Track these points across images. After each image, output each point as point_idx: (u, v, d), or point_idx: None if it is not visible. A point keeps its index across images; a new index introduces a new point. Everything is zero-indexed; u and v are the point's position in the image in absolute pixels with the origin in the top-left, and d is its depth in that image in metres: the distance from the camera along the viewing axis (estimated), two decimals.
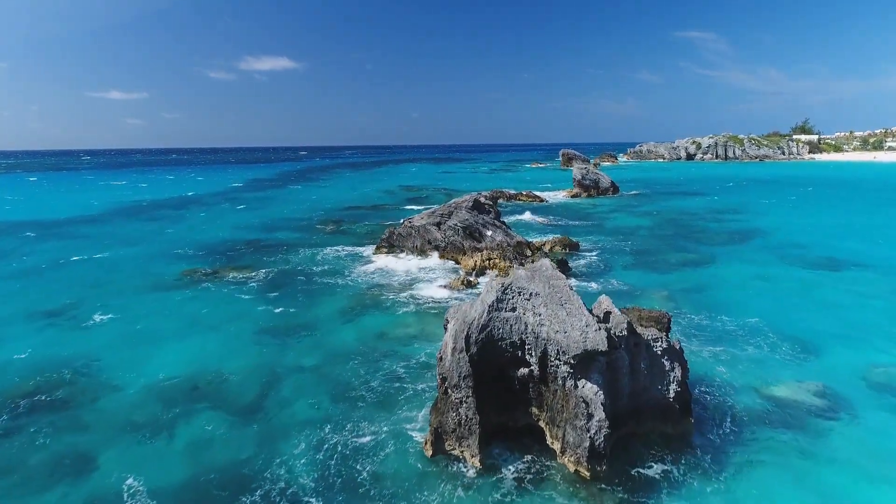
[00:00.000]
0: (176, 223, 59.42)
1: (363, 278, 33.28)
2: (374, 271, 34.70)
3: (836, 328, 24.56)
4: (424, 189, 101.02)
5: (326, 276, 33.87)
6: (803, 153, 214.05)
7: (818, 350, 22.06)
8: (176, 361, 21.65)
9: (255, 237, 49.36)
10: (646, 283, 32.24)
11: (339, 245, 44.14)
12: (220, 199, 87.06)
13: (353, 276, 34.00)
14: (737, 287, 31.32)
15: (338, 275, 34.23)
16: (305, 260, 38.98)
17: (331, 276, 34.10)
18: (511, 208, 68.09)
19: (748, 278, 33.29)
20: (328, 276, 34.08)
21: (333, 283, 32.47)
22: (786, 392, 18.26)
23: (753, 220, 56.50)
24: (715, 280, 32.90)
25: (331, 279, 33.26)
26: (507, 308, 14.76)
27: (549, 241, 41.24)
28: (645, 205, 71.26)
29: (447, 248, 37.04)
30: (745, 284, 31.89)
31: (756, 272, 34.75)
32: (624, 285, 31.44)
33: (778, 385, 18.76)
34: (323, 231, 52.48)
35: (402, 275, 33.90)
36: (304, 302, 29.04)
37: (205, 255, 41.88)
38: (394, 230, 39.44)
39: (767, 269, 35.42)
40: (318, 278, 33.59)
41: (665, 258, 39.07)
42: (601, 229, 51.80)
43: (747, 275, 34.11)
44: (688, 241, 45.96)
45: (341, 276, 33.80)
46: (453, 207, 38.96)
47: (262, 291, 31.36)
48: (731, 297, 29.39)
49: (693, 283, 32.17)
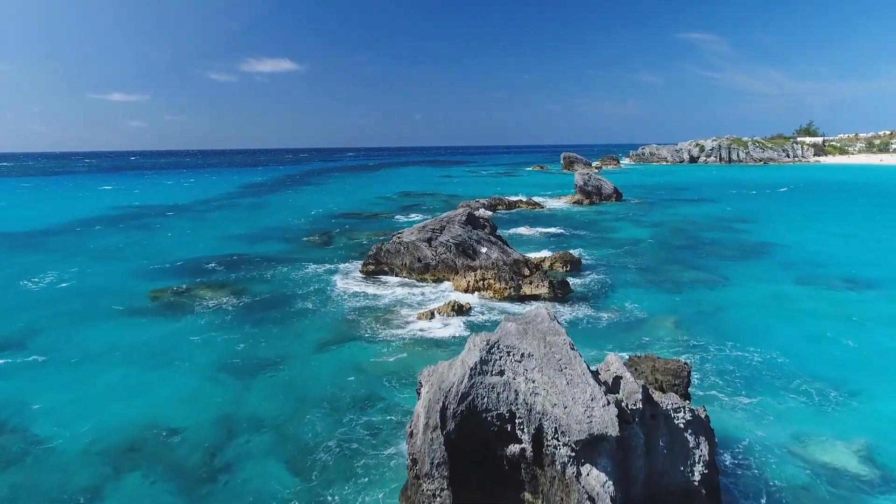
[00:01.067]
0: (159, 233, 56.74)
1: (345, 301, 30.48)
2: (357, 293, 31.91)
3: (869, 363, 21.72)
4: (422, 195, 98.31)
5: (305, 299, 31.09)
6: (808, 156, 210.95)
7: (857, 393, 19.22)
8: (119, 411, 18.88)
9: (239, 250, 46.63)
10: (654, 306, 29.42)
11: (325, 261, 41.38)
12: (211, 205, 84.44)
13: (333, 298, 31.22)
14: (754, 312, 28.46)
15: (317, 297, 31.45)
16: (285, 278, 36.22)
17: (310, 298, 31.32)
18: (510, 217, 65.33)
19: (766, 301, 30.43)
20: (307, 298, 31.30)
21: (311, 307, 29.67)
22: (829, 456, 15.41)
23: (765, 231, 53.63)
24: (729, 303, 30.05)
25: (309, 303, 30.47)
26: (493, 371, 11.97)
27: (549, 258, 38.42)
28: (650, 213, 68.41)
29: (438, 266, 34.25)
30: (763, 309, 29.03)
31: (774, 293, 31.89)
32: (629, 309, 28.62)
33: (818, 446, 15.91)
34: (310, 244, 49.74)
35: (388, 297, 31.11)
36: (276, 332, 26.25)
37: (180, 270, 39.17)
38: (381, 246, 36.67)
39: (786, 290, 32.57)
40: (295, 301, 30.81)
41: (673, 276, 36.24)
42: (604, 241, 48.98)
43: (764, 297, 31.26)
44: (696, 255, 43.12)
45: (321, 299, 31.01)
46: (445, 222, 36.19)
47: (233, 317, 28.60)
48: (749, 324, 26.55)
49: (706, 307, 29.33)
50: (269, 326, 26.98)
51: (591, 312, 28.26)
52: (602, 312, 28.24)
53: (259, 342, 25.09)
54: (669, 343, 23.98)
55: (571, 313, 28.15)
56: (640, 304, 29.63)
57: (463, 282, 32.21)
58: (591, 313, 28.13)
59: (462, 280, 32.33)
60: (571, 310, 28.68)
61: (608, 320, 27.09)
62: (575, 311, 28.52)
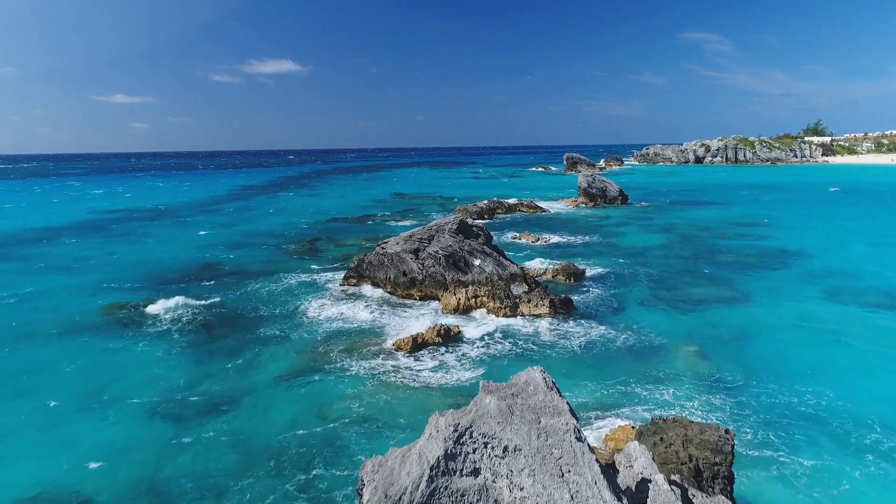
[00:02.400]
0: (135, 241, 53.21)
1: (316, 324, 26.81)
2: (333, 315, 28.20)
3: None
4: (419, 197, 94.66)
5: (272, 322, 27.44)
6: (816, 156, 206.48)
7: None
8: (29, 470, 15.31)
9: (215, 259, 43.07)
10: (669, 328, 25.69)
11: (304, 272, 37.74)
12: (198, 209, 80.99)
13: (304, 320, 27.56)
14: (788, 338, 24.70)
15: (286, 319, 27.79)
16: (256, 294, 32.59)
17: (277, 320, 27.67)
18: (509, 221, 61.64)
19: (797, 323, 26.68)
20: (274, 320, 27.65)
21: (277, 332, 26.02)
22: None
23: (782, 238, 49.79)
24: (756, 325, 26.29)
25: (276, 326, 26.81)
26: (463, 471, 8.29)
27: (550, 270, 34.73)
28: (657, 217, 64.60)
29: (426, 281, 30.57)
30: (797, 334, 25.27)
31: (805, 313, 28.12)
32: (642, 333, 24.89)
33: None
34: (292, 251, 46.12)
35: (366, 319, 27.42)
36: (232, 363, 22.61)
37: (144, 283, 35.59)
38: (364, 258, 33.02)
39: (817, 309, 28.79)
40: (261, 324, 27.16)
41: (688, 290, 32.50)
42: (611, 249, 45.22)
43: (794, 317, 27.51)
44: (711, 265, 39.35)
45: (290, 321, 27.35)
46: (434, 231, 32.51)
47: (188, 341, 24.99)
48: (785, 354, 22.80)
49: (729, 330, 25.59)
50: (226, 355, 23.33)
51: (598, 337, 24.54)
52: (610, 337, 24.53)
53: (211, 375, 21.47)
54: (693, 380, 20.25)
55: (575, 338, 24.44)
56: (653, 327, 25.90)
57: (453, 299, 28.53)
58: (597, 338, 24.41)
59: (452, 297, 28.64)
60: (575, 333, 24.97)
61: (617, 348, 23.37)
62: (579, 334, 24.81)
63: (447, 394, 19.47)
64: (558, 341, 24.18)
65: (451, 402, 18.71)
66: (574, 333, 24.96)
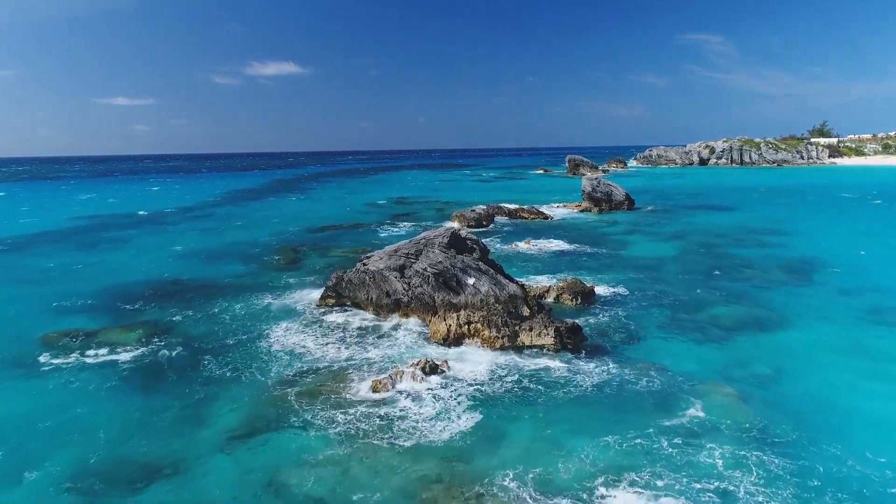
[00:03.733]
0: (107, 251, 49.57)
1: (285, 357, 22.99)
2: (304, 345, 24.37)
3: None
4: (416, 202, 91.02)
5: (231, 353, 23.65)
6: (823, 157, 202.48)
7: None
8: None
9: (186, 273, 39.37)
10: (696, 364, 21.90)
11: (281, 289, 34.01)
12: (185, 215, 77.39)
13: (273, 350, 23.77)
14: (834, 375, 20.85)
15: (251, 350, 24.00)
16: (224, 316, 28.85)
17: (241, 351, 23.88)
18: (509, 229, 57.88)
19: (848, 352, 22.88)
20: (235, 351, 23.85)
21: (238, 367, 22.21)
22: None
23: (804, 246, 45.96)
24: (798, 358, 22.48)
25: (238, 359, 23.02)
26: None
27: (554, 288, 30.93)
28: (667, 223, 60.78)
29: (412, 303, 26.80)
30: (844, 369, 21.42)
31: (850, 340, 24.32)
32: (665, 371, 21.08)
33: None
34: (273, 264, 42.39)
35: (341, 349, 23.62)
36: (174, 412, 18.81)
37: (104, 302, 31.92)
38: (342, 275, 29.27)
39: (863, 336, 24.93)
40: (218, 356, 23.37)
41: (711, 312, 28.70)
42: (620, 261, 41.43)
43: (844, 345, 23.71)
44: (732, 279, 35.56)
45: (255, 354, 23.55)
46: (423, 245, 28.74)
47: (133, 381, 21.24)
48: (833, 397, 19.02)
49: (766, 365, 21.78)
50: (170, 402, 19.55)
51: (612, 375, 20.73)
52: (627, 375, 20.72)
53: (147, 430, 17.71)
54: (734, 434, 16.44)
55: (584, 376, 20.65)
56: (677, 361, 22.10)
57: (442, 326, 24.74)
58: (611, 376, 20.60)
59: (441, 324, 24.85)
60: (584, 370, 21.17)
61: (636, 390, 19.56)
62: (589, 372, 21.01)
63: (434, 456, 15.70)
64: (565, 380, 20.38)
65: (438, 471, 14.97)
66: (584, 370, 21.15)
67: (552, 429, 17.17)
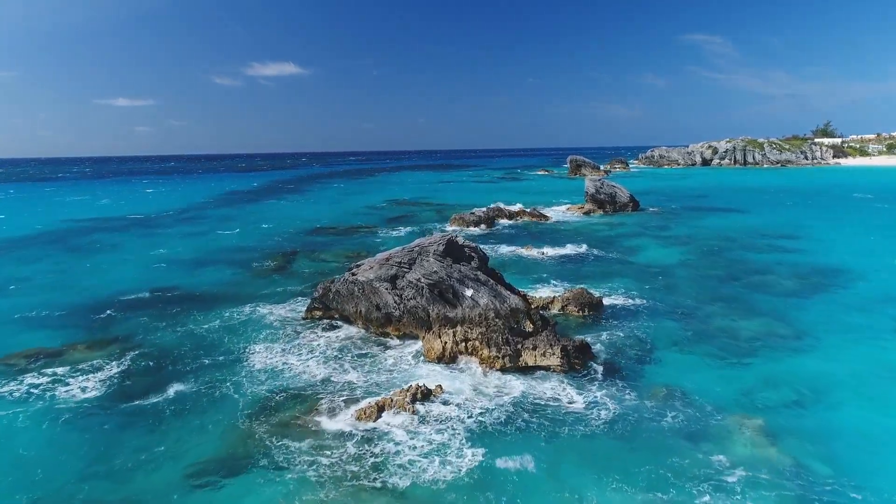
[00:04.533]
0: (88, 258, 47.35)
1: (262, 382, 20.72)
2: (285, 366, 22.13)
3: None
4: (415, 204, 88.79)
5: (209, 375, 21.41)
6: (827, 158, 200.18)
7: None
8: None
9: (170, 281, 37.15)
10: (718, 390, 19.65)
11: (267, 300, 31.77)
12: (176, 218, 75.16)
13: (250, 374, 21.51)
14: (871, 400, 18.63)
15: (228, 372, 21.73)
16: (201, 331, 26.61)
17: (217, 373, 21.64)
18: (510, 232, 55.65)
19: (880, 375, 20.61)
20: (212, 373, 21.62)
21: (210, 394, 19.96)
22: None
23: (820, 251, 43.71)
24: (826, 381, 20.23)
25: (213, 382, 20.78)
26: None
27: (559, 299, 28.70)
28: (674, 226, 58.50)
29: (404, 318, 24.57)
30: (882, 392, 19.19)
31: (885, 360, 22.05)
32: (685, 400, 18.84)
33: None
34: (261, 271, 40.15)
35: (324, 371, 21.37)
36: (141, 448, 16.54)
37: (76, 315, 29.72)
38: (330, 286, 27.05)
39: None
40: (193, 379, 21.12)
41: (729, 326, 26.47)
42: (627, 267, 39.19)
43: (873, 366, 21.45)
44: (747, 288, 33.32)
45: (232, 377, 21.28)
46: (417, 253, 26.50)
47: (96, 411, 18.99)
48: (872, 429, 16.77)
49: (795, 391, 19.56)
50: (130, 437, 17.31)
51: (627, 404, 18.50)
52: (643, 404, 18.49)
53: (105, 468, 15.51)
54: (770, 478, 14.26)
55: (595, 406, 18.42)
56: (697, 387, 19.86)
57: (437, 343, 22.52)
58: (626, 406, 18.36)
59: (436, 341, 22.63)
60: (595, 397, 18.94)
61: (654, 424, 17.32)
62: (600, 400, 18.77)
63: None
64: (574, 411, 18.15)
65: None
66: (594, 398, 18.90)
67: (562, 471, 14.97)
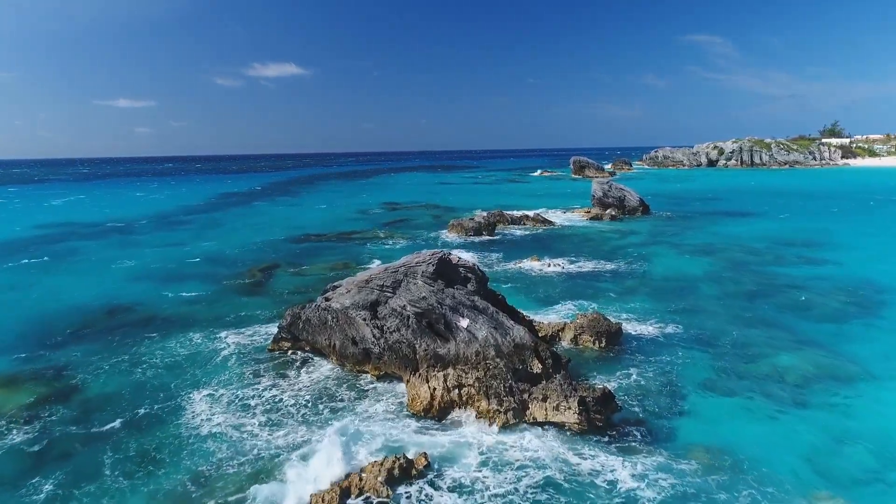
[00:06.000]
0: (50, 270, 43.24)
1: (200, 446, 16.48)
2: (228, 424, 17.90)
3: None
4: (412, 207, 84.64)
5: (139, 433, 17.16)
6: (836, 158, 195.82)
7: None
8: None
9: (130, 298, 33.04)
10: (775, 453, 15.43)
11: (233, 324, 27.56)
12: (158, 223, 71.06)
13: (189, 431, 17.28)
14: None
15: (163, 429, 17.49)
16: (147, 366, 22.40)
17: (149, 430, 17.38)
18: (513, 239, 51.42)
19: None
20: (144, 429, 17.37)
21: (135, 466, 15.76)
22: None
23: (862, 264, 39.38)
24: None
25: (142, 444, 16.55)
26: None
27: (571, 325, 24.45)
28: (690, 233, 54.22)
29: (384, 356, 20.36)
30: None
31: None
32: (736, 473, 14.59)
33: None
34: (235, 287, 35.93)
35: (275, 434, 17.12)
36: None
37: (15, 342, 25.53)
38: (299, 313, 22.83)
39: None
40: (118, 440, 16.90)
41: (771, 360, 22.20)
42: (644, 283, 34.97)
43: None
44: (784, 311, 29.08)
45: (165, 437, 17.05)
46: (402, 274, 22.27)
47: None
48: None
49: (864, 451, 15.41)
50: None
51: (666, 481, 14.25)
52: (686, 479, 14.26)
53: None
54: None
55: (625, 480, 14.18)
56: (748, 447, 15.66)
57: (423, 390, 18.31)
58: (665, 485, 14.12)
59: (422, 387, 18.43)
60: (626, 470, 14.69)
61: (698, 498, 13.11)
62: (634, 472, 14.53)
63: None
64: (602, 492, 13.93)
65: None
66: (622, 471, 14.65)
67: None
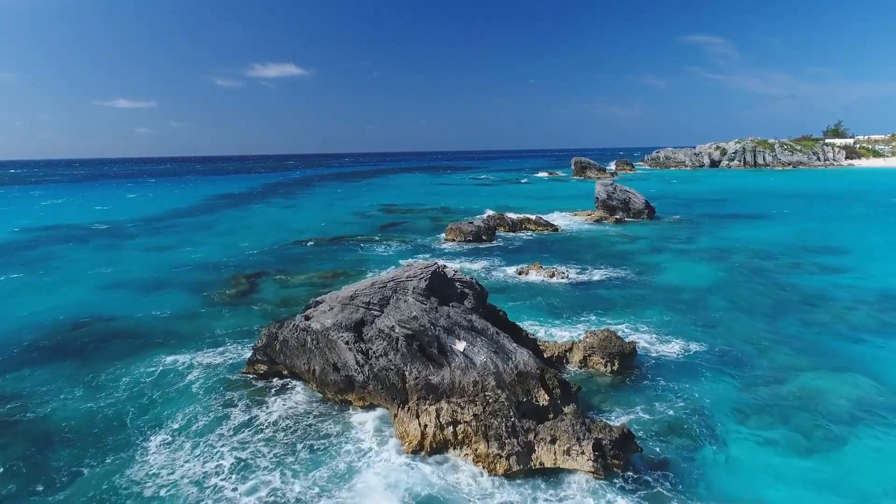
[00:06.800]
0: (24, 277, 40.84)
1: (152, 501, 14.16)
2: (186, 474, 15.48)
3: None
4: (409, 210, 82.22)
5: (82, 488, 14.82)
6: (840, 159, 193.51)
7: None
8: None
9: (103, 313, 30.66)
10: None
11: (208, 342, 25.17)
12: (146, 226, 68.65)
13: (139, 484, 14.90)
14: None
15: (109, 481, 15.11)
16: (105, 395, 20.03)
17: (94, 482, 15.04)
18: (514, 245, 49.02)
19: None
20: (89, 480, 15.03)
21: None
22: None
23: (880, 272, 36.98)
24: None
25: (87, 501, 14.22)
26: None
27: (580, 345, 22.05)
28: (700, 238, 51.78)
29: (369, 384, 17.96)
30: None
31: None
32: None
33: None
34: (216, 299, 33.47)
35: (240, 487, 14.69)
36: None
37: None
38: (276, 333, 20.42)
39: None
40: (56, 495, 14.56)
41: (801, 384, 19.85)
42: (655, 293, 32.57)
43: None
44: (812, 326, 26.68)
45: (112, 492, 14.69)
46: (391, 290, 19.87)
47: None
48: None
49: None
50: None
51: None
52: None
53: None
54: None
55: None
56: (788, 497, 13.28)
57: (413, 426, 15.93)
58: None
59: (412, 423, 16.04)
60: None
61: None
62: None
63: None
64: None
65: None
66: None
67: None
